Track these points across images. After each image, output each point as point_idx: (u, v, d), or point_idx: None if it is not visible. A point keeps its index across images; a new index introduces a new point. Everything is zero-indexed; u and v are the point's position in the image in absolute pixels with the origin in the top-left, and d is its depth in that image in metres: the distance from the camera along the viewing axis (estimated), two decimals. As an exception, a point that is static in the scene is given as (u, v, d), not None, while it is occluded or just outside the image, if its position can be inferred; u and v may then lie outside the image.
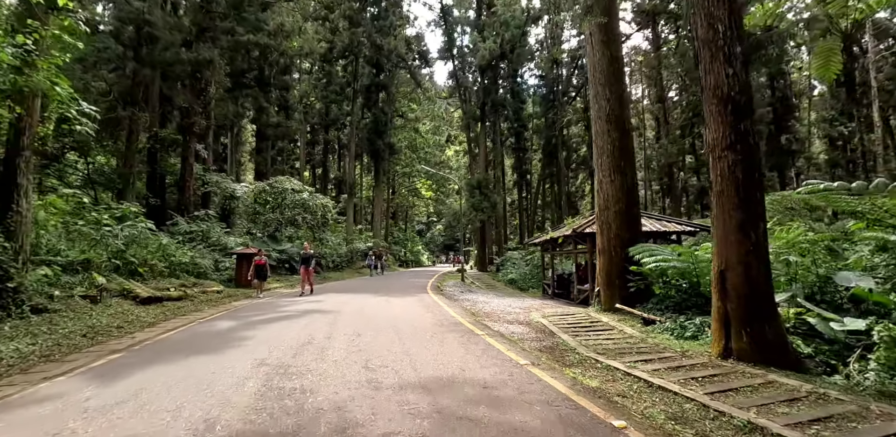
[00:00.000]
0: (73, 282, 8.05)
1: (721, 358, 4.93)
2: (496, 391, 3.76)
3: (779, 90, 27.12)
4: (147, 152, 18.95)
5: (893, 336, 4.18)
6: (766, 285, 4.91)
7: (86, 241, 9.22)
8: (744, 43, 5.14)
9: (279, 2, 20.05)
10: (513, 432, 2.90)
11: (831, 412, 3.41)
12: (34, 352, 5.20)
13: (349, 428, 2.90)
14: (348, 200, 33.31)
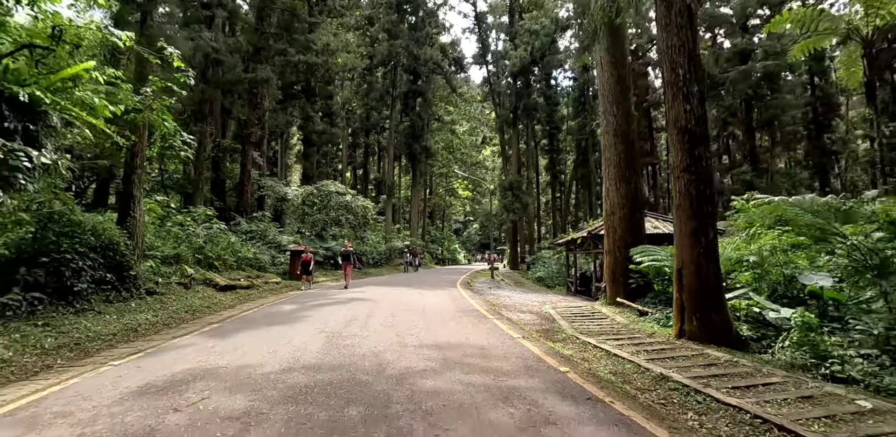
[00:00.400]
0: (169, 272, 10.18)
1: (676, 338, 6.20)
2: (487, 351, 5.27)
3: (819, 88, 26.70)
4: (211, 160, 21.56)
5: (804, 322, 5.33)
6: (715, 281, 6.12)
7: (175, 239, 11.42)
8: (702, 83, 6.35)
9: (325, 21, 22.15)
10: (490, 370, 4.41)
11: (729, 372, 4.69)
12: (158, 321, 7.18)
13: (382, 364, 4.51)
14: (387, 200, 35.41)
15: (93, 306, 7.14)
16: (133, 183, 9.27)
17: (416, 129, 33.23)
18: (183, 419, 3.02)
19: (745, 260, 7.53)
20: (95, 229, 7.80)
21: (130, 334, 6.21)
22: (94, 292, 7.38)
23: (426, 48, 30.81)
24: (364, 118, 36.82)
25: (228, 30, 21.38)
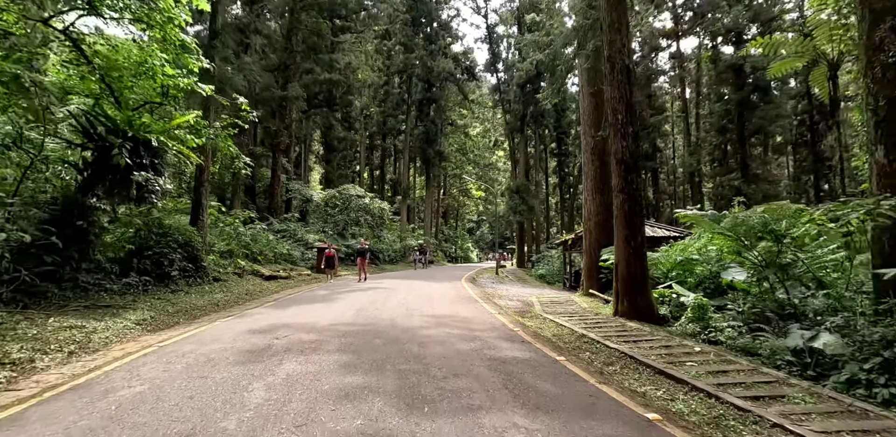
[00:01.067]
0: (226, 264, 12.73)
1: (612, 316, 8.40)
2: (469, 319, 7.57)
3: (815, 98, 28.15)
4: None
5: (698, 303, 7.47)
6: (641, 274, 8.29)
7: (227, 237, 13.99)
8: (636, 125, 8.50)
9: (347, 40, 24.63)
10: (466, 328, 6.71)
11: (631, 334, 6.89)
12: (229, 300, 9.66)
13: (395, 323, 6.86)
14: (402, 201, 37.89)
15: (180, 287, 9.66)
16: (201, 194, 11.82)
17: (430, 134, 35.58)
18: (282, 342, 5.41)
19: (681, 260, 9.66)
20: (179, 230, 10.34)
21: (215, 306, 8.69)
22: (181, 278, 9.91)
23: (440, 60, 33.10)
24: (381, 123, 39.35)
25: (262, 50, 24.00)
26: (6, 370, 4.12)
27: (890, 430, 3.29)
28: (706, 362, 5.25)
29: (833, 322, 5.51)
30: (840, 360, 5.04)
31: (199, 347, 5.20)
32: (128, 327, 6.10)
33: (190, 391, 3.63)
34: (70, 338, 5.17)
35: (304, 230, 21.10)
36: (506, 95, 33.23)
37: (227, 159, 11.88)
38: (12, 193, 6.90)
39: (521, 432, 2.97)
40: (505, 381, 4.09)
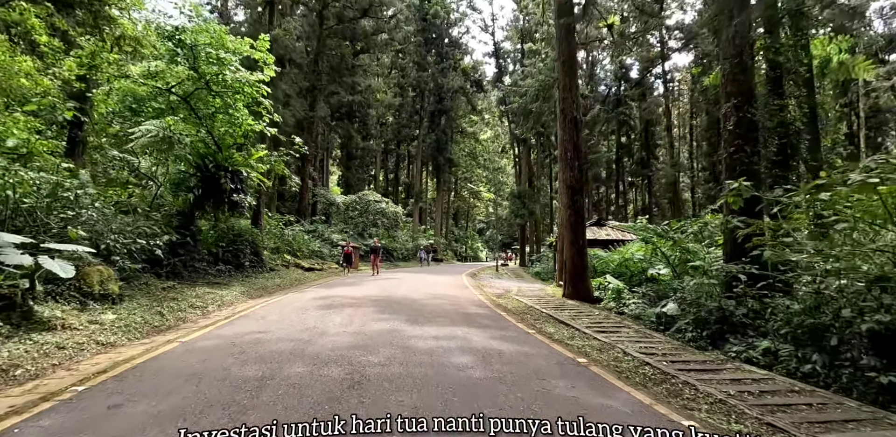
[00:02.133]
0: (275, 258, 16.41)
1: (561, 297, 11.80)
2: (457, 298, 11.08)
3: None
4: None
5: (617, 288, 10.82)
6: (582, 267, 11.66)
7: (274, 236, 17.68)
8: (581, 160, 11.86)
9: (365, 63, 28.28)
10: (454, 302, 10.22)
11: (568, 308, 10.30)
12: (285, 283, 13.29)
13: (406, 297, 10.40)
14: (414, 204, 41.49)
15: (250, 274, 13.33)
16: (260, 203, 15.52)
17: (441, 142, 39.11)
18: (337, 302, 8.97)
19: (623, 258, 13.03)
20: (246, 231, 14.02)
21: (279, 287, 12.34)
22: (249, 267, 13.59)
23: (450, 75, 36.60)
24: (396, 132, 43.00)
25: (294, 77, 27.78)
26: (197, 310, 7.73)
27: (672, 348, 6.69)
28: (598, 321, 8.66)
29: (678, 297, 8.87)
30: (684, 321, 8.40)
31: (289, 304, 8.80)
32: (237, 295, 9.73)
33: (300, 318, 7.18)
34: (213, 299, 8.80)
35: (329, 231, 24.79)
36: (511, 108, 36.54)
37: (279, 177, 15.53)
38: (151, 208, 10.59)
39: (464, 332, 6.45)
40: (465, 319, 7.58)
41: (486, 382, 4.06)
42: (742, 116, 8.83)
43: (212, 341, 5.42)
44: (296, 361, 4.53)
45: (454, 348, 5.34)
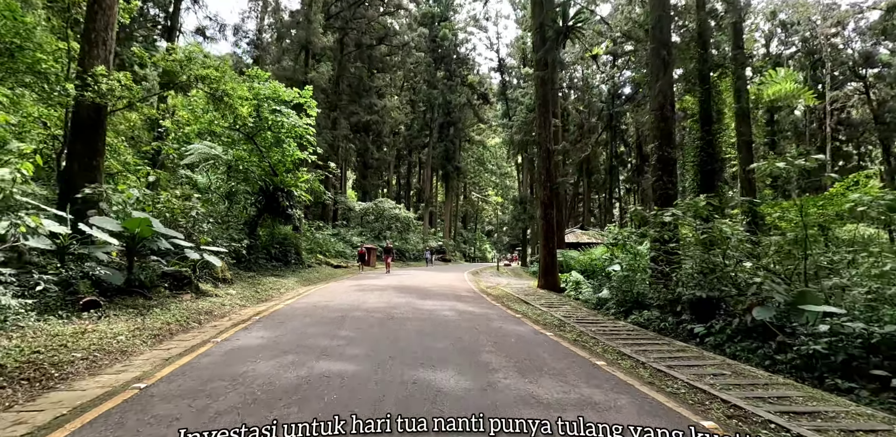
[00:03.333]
0: (310, 257, 20.20)
1: (536, 288, 15.37)
2: (455, 287, 14.75)
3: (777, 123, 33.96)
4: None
5: (576, 280, 14.36)
6: (553, 264, 15.24)
7: (307, 239, 21.49)
8: (553, 182, 15.43)
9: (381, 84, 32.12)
10: (453, 290, 13.89)
11: (534, 294, 13.88)
12: (323, 277, 17.08)
13: (417, 286, 14.10)
14: (425, 208, 45.25)
15: (295, 270, 17.12)
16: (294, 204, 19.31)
17: (449, 152, 42.83)
18: (369, 288, 12.69)
19: (590, 259, 16.56)
20: (289, 235, 17.82)
21: (319, 279, 16.11)
22: (293, 264, 17.39)
23: (458, 89, 40.30)
24: (408, 141, 46.79)
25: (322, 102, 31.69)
26: (274, 291, 11.50)
27: (603, 322, 10.27)
28: (551, 302, 12.25)
29: (610, 285, 12.40)
30: (610, 301, 11.92)
31: (335, 289, 12.55)
32: (294, 283, 13.50)
33: (347, 295, 10.88)
34: (281, 284, 12.56)
35: (350, 234, 28.62)
36: (513, 122, 40.08)
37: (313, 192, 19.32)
38: (224, 219, 14.41)
39: (453, 303, 10.09)
40: (456, 298, 11.24)
41: (457, 321, 7.71)
42: (661, 154, 12.35)
43: (301, 305, 9.16)
44: (354, 311, 8.23)
45: (445, 309, 9.00)
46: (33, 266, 6.59)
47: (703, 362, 5.87)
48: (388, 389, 3.86)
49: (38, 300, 5.98)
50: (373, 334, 6.29)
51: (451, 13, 41.98)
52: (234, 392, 3.68)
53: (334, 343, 5.60)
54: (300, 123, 14.69)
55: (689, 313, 8.54)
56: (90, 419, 3.14)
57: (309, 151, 15.77)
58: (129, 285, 7.56)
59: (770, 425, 3.64)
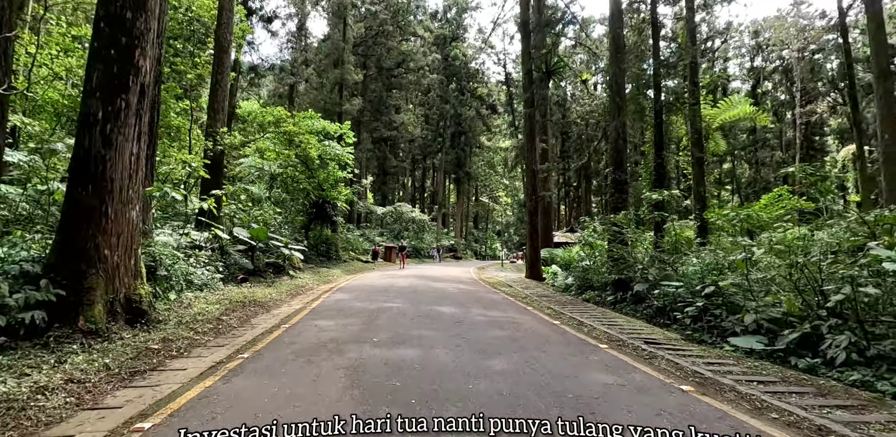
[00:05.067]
0: (343, 254, 25.09)
1: (524, 278, 19.99)
2: (460, 277, 19.48)
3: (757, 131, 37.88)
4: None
5: (552, 272, 18.91)
6: (537, 259, 19.83)
7: (341, 239, 26.39)
8: (538, 195, 19.99)
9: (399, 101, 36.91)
10: (458, 280, 18.61)
11: (520, 282, 18.51)
12: (358, 269, 21.94)
13: (432, 275, 18.86)
14: (438, 210, 49.99)
15: (335, 264, 22.00)
16: (337, 214, 24.25)
17: (460, 159, 47.48)
18: (394, 276, 17.48)
19: (570, 254, 21.13)
20: (330, 236, 22.71)
21: (356, 270, 20.97)
22: (333, 259, 22.28)
23: (469, 101, 44.90)
24: (422, 148, 51.59)
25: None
26: (329, 276, 16.34)
27: (556, 297, 14.89)
28: (530, 287, 16.88)
29: (574, 274, 16.97)
30: (573, 286, 16.50)
31: (372, 277, 17.37)
32: (340, 273, 18.34)
33: (382, 281, 15.66)
34: (332, 273, 17.41)
35: (373, 234, 33.51)
36: (519, 130, 44.52)
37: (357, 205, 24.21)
38: (283, 225, 19.29)
39: (456, 284, 14.79)
40: (460, 282, 15.96)
41: (456, 293, 12.42)
42: (615, 177, 16.83)
43: (355, 284, 13.97)
44: (391, 287, 12.99)
45: (450, 288, 13.72)
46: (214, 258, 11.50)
47: (596, 313, 10.47)
48: (417, 311, 8.57)
49: (222, 276, 10.86)
50: (405, 296, 11.04)
51: (462, 32, 46.57)
52: (349, 310, 8.43)
53: (386, 298, 10.36)
54: (341, 151, 19.52)
55: (612, 290, 13.11)
56: (304, 315, 7.91)
57: (348, 170, 20.61)
58: (254, 270, 12.44)
59: (610, 334, 8.23)
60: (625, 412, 3.53)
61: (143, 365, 4.56)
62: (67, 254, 5.63)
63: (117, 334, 5.50)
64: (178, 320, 6.53)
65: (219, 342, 5.77)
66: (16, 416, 3.15)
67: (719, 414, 3.68)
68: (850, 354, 5.80)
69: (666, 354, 6.03)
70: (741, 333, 7.43)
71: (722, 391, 4.40)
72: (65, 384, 3.76)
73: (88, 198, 5.70)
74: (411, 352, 5.31)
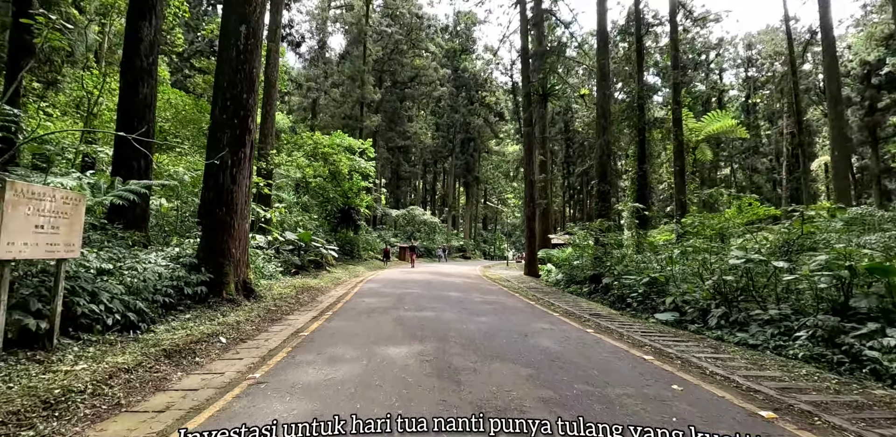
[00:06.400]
0: (363, 253, 28.42)
1: (523, 275, 23.11)
2: (468, 273, 22.69)
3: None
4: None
5: (546, 269, 22.00)
6: (534, 259, 22.92)
7: (361, 239, 29.70)
8: (535, 203, 23.09)
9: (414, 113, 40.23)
10: (466, 276, 21.81)
11: (518, 279, 21.65)
12: (377, 266, 25.26)
13: (443, 271, 22.08)
14: (448, 212, 53.21)
15: (358, 262, 25.31)
16: (360, 218, 27.60)
17: (469, 164, 50.65)
18: (412, 272, 20.73)
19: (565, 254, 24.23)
20: (352, 237, 26.04)
21: (377, 267, 24.28)
22: (355, 258, 25.61)
23: (477, 110, 48.07)
24: (434, 153, 54.87)
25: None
26: (361, 273, 19.64)
27: (544, 289, 18.04)
28: (526, 282, 20.03)
29: (564, 270, 20.06)
30: (562, 281, 19.58)
31: (392, 272, 20.65)
32: (364, 269, 21.63)
33: (402, 275, 18.90)
34: (358, 269, 20.70)
35: (388, 235, 36.83)
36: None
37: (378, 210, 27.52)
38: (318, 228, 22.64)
39: (464, 278, 17.99)
40: (466, 277, 19.17)
41: (463, 284, 15.63)
42: (600, 188, 19.89)
43: (381, 277, 17.24)
44: (410, 280, 16.22)
45: (457, 281, 16.92)
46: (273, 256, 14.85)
47: (568, 300, 13.57)
48: (431, 295, 11.76)
49: (281, 270, 14.17)
50: (421, 286, 14.28)
51: (471, 44, 49.76)
52: (382, 293, 11.68)
53: (407, 287, 13.60)
54: (365, 164, 22.83)
55: (589, 283, 16.19)
56: (351, 296, 11.16)
57: (370, 180, 23.91)
58: (301, 265, 15.75)
59: (567, 310, 11.35)
60: (545, 338, 6.68)
61: (274, 316, 7.85)
62: (210, 251, 8.93)
63: (243, 302, 8.78)
64: (271, 297, 9.80)
65: (306, 309, 9.05)
66: (237, 331, 6.43)
67: (597, 339, 6.83)
68: (720, 320, 8.87)
69: (598, 320, 9.15)
70: (663, 310, 10.52)
71: (612, 334, 7.54)
72: (246, 321, 7.04)
73: (223, 215, 9.00)
74: (429, 313, 8.52)
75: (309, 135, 19.73)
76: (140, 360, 4.52)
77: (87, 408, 3.44)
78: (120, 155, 9.65)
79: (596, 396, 3.97)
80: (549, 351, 5.78)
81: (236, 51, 9.42)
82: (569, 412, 3.50)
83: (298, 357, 5.14)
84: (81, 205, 5.13)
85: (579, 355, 5.64)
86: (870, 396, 4.40)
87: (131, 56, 9.89)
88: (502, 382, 4.30)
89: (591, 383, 4.39)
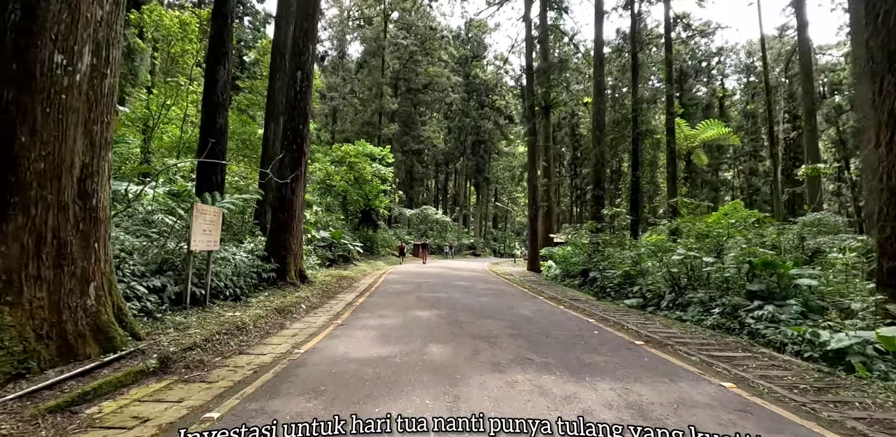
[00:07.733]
0: (380, 249, 31.37)
1: (526, 271, 25.77)
2: (475, 268, 25.44)
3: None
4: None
5: (547, 266, 24.63)
6: (535, 255, 25.57)
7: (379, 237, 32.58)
8: (536, 205, 25.72)
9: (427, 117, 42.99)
10: (474, 270, 24.57)
11: (521, 273, 24.32)
12: (394, 262, 28.13)
13: (454, 266, 24.86)
14: (459, 211, 55.92)
15: (377, 258, 28.19)
16: (379, 218, 30.47)
17: (480, 165, 53.28)
18: (425, 267, 23.55)
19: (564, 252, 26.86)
20: (371, 235, 28.91)
21: (395, 263, 27.17)
22: (374, 254, 28.49)
23: (487, 114, 50.64)
24: (446, 154, 57.56)
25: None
26: (381, 267, 22.50)
27: (543, 282, 20.73)
28: (527, 276, 22.72)
29: (560, 265, 22.71)
30: (559, 276, 22.22)
31: (409, 267, 23.49)
32: (383, 264, 24.49)
33: (418, 269, 21.71)
34: (379, 263, 23.56)
35: (403, 233, 39.70)
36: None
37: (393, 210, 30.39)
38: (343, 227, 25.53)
39: (471, 272, 20.74)
40: (473, 271, 21.92)
41: (470, 277, 18.39)
42: (595, 193, 22.47)
43: (400, 270, 20.09)
44: (425, 272, 19.02)
45: (466, 274, 19.68)
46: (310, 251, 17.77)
47: (558, 289, 16.24)
48: (443, 283, 14.53)
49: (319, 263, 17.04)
50: (435, 277, 17.08)
51: (482, 50, 52.31)
52: (404, 282, 14.48)
53: (423, 278, 16.40)
54: (385, 170, 25.66)
55: (580, 277, 18.83)
56: (380, 283, 13.98)
57: (388, 184, 26.74)
58: (332, 259, 18.64)
59: (554, 296, 14.03)
60: (525, 309, 9.39)
61: (328, 294, 10.70)
62: (276, 246, 11.79)
63: (301, 285, 11.63)
64: (319, 282, 12.65)
65: (348, 291, 11.89)
66: (309, 302, 9.27)
67: (563, 311, 9.53)
68: (670, 303, 11.50)
69: (574, 302, 11.84)
70: (630, 296, 13.17)
71: (577, 310, 10.23)
72: (311, 296, 9.88)
73: (285, 219, 11.86)
74: (442, 294, 11.30)
75: (338, 146, 22.64)
76: (265, 313, 7.37)
77: (256, 332, 6.28)
78: (202, 172, 12.55)
79: (543, 334, 6.71)
80: (524, 316, 8.53)
81: (294, 91, 12.28)
82: (524, 338, 6.24)
83: (359, 315, 7.97)
84: (220, 216, 7.99)
85: (544, 318, 8.38)
86: (720, 340, 7.06)
87: (209, 94, 12.76)
88: (489, 327, 7.07)
89: (543, 329, 7.12)
